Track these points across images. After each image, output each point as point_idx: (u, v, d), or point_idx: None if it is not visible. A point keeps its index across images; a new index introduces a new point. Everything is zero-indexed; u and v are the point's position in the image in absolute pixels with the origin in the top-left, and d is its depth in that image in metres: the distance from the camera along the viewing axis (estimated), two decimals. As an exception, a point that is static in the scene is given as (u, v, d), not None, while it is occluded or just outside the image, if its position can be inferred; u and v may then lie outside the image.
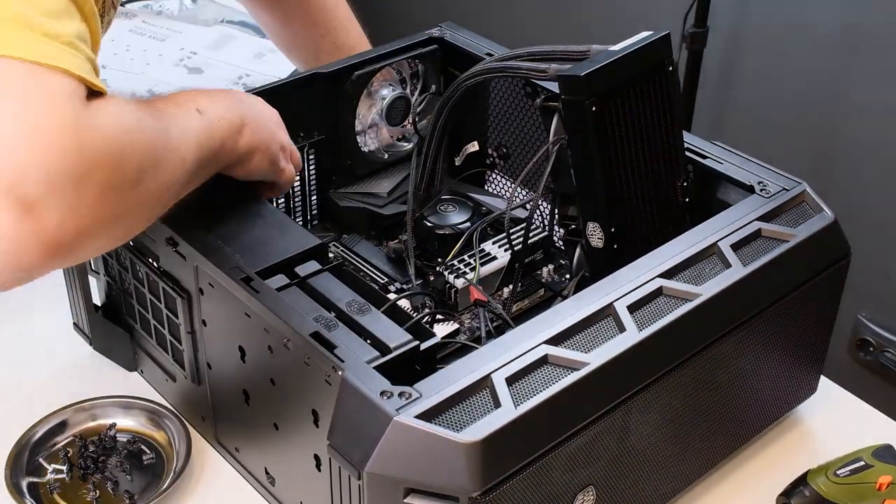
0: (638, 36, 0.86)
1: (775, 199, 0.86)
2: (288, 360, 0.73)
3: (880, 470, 0.82)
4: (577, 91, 0.80)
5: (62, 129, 0.59)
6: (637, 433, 0.75)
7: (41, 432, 0.89)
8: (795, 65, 1.85)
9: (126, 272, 0.91)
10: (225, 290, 0.77)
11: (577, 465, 0.71)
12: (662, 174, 0.88)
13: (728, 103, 2.00)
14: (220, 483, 0.87)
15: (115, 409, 0.91)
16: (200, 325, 0.83)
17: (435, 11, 2.46)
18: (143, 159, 0.66)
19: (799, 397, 0.93)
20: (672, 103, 0.87)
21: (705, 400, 0.80)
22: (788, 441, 0.93)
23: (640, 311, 0.75)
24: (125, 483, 0.86)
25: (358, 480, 0.66)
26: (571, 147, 0.83)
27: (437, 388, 0.67)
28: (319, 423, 0.72)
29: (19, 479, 0.85)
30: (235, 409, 0.83)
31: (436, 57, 1.08)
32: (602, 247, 0.85)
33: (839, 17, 1.76)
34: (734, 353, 0.80)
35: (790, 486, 0.85)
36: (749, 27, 1.91)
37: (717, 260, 0.80)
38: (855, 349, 1.90)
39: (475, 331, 0.90)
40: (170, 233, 0.81)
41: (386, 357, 0.71)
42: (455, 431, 0.64)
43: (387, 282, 0.96)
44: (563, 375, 0.69)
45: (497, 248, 0.95)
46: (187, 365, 0.86)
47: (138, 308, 0.92)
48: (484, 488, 0.64)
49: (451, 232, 0.98)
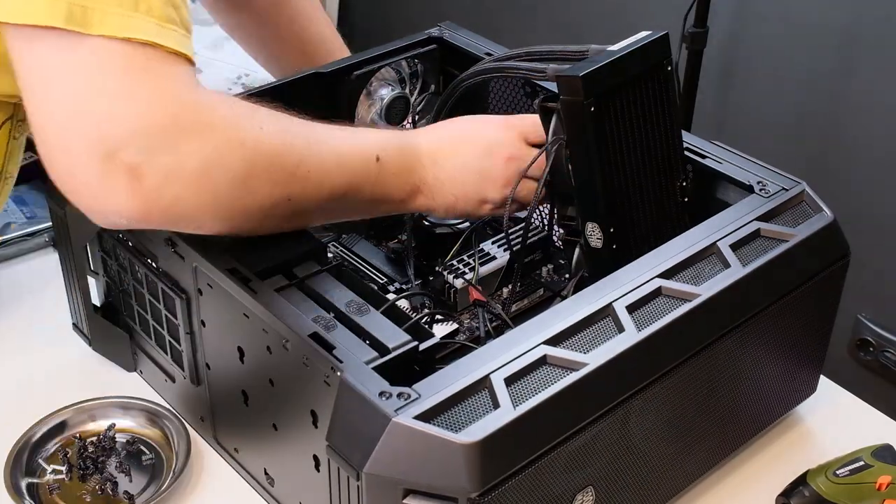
0: (637, 36, 0.86)
1: (775, 198, 0.86)
2: (287, 361, 0.73)
3: (880, 470, 0.82)
4: (576, 91, 0.80)
5: (165, 99, 0.64)
6: (636, 433, 0.75)
7: (41, 432, 0.89)
8: (795, 65, 1.85)
9: (125, 273, 0.91)
10: (224, 290, 0.77)
11: (576, 466, 0.71)
12: (662, 174, 0.88)
13: (728, 103, 2.00)
14: (219, 484, 0.87)
15: (114, 409, 0.91)
16: (199, 326, 0.83)
17: (434, 11, 2.46)
18: (256, 156, 0.69)
19: (799, 397, 0.93)
20: (671, 103, 0.87)
21: (705, 400, 0.80)
22: (788, 441, 0.93)
23: (639, 312, 0.75)
24: (124, 483, 0.86)
25: (357, 481, 0.66)
26: (570, 147, 0.83)
27: (436, 389, 0.67)
28: (318, 423, 0.72)
29: (19, 479, 0.85)
30: (234, 409, 0.83)
31: (435, 57, 1.07)
32: (601, 247, 0.85)
33: (839, 16, 1.76)
34: (734, 353, 0.80)
35: (790, 486, 0.85)
36: (749, 27, 1.91)
37: (717, 260, 0.80)
38: (855, 349, 1.90)
39: (474, 331, 0.90)
40: (169, 233, 0.81)
41: (385, 357, 0.71)
42: (454, 432, 0.64)
43: (386, 282, 0.96)
44: (562, 376, 0.69)
45: (496, 248, 0.95)
46: (186, 365, 0.86)
47: (137, 309, 0.92)
48: (483, 489, 0.64)
49: (450, 232, 0.98)
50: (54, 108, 0.65)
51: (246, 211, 0.71)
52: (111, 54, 0.63)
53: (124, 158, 0.63)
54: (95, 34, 0.63)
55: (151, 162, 0.64)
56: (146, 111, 0.64)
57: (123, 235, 0.89)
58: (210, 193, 0.68)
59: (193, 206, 0.67)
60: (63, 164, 0.65)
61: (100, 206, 0.67)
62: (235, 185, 0.69)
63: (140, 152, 0.64)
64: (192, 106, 0.66)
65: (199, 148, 0.66)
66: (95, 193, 0.65)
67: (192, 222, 0.70)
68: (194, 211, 0.68)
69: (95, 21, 0.63)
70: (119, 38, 0.63)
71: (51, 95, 0.65)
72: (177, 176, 0.65)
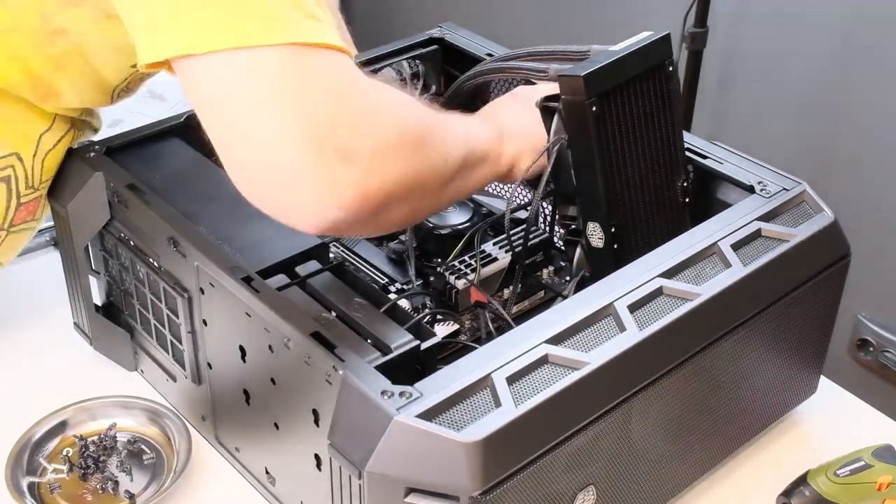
0: (638, 36, 0.86)
1: (775, 199, 0.86)
2: (288, 360, 0.73)
3: (880, 470, 0.82)
4: (578, 91, 0.80)
5: (347, 84, 0.66)
6: (637, 433, 0.75)
7: (41, 432, 0.89)
8: (795, 65, 1.85)
9: (126, 272, 0.91)
10: (226, 289, 0.77)
11: (577, 465, 0.71)
12: (663, 174, 0.88)
13: (728, 103, 2.00)
14: (220, 483, 0.87)
15: (115, 408, 0.91)
16: (201, 325, 0.83)
17: (435, 11, 2.46)
18: (419, 122, 0.72)
19: (799, 397, 0.93)
20: (672, 103, 0.87)
21: (705, 400, 0.80)
22: (788, 441, 0.93)
23: (640, 311, 0.75)
24: (125, 483, 0.86)
25: (358, 480, 0.66)
26: (572, 147, 0.83)
27: (438, 388, 0.67)
28: (320, 422, 0.72)
29: (19, 478, 0.85)
30: (236, 408, 0.83)
31: (436, 57, 1.08)
32: (602, 247, 0.85)
33: (839, 16, 1.76)
34: (734, 352, 0.80)
35: (790, 486, 0.85)
36: (749, 27, 1.91)
37: (718, 260, 0.81)
38: (855, 349, 1.90)
39: (476, 331, 0.90)
40: (171, 232, 0.81)
41: (386, 357, 0.71)
42: (455, 431, 0.64)
43: (387, 282, 0.96)
44: (564, 375, 0.69)
45: (497, 249, 0.95)
46: (188, 364, 0.87)
47: (139, 308, 0.92)
48: (484, 488, 0.64)
49: (452, 232, 0.98)
50: (245, 121, 0.64)
51: (429, 180, 0.73)
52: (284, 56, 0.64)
53: (334, 143, 0.64)
54: (264, 44, 0.64)
55: (357, 141, 0.65)
56: (338, 97, 0.65)
57: (125, 234, 0.89)
58: (406, 164, 0.69)
59: (395, 179, 0.68)
60: (269, 175, 0.65)
61: (319, 205, 0.65)
62: (420, 152, 0.70)
63: (344, 134, 0.64)
64: (370, 87, 0.68)
65: (389, 120, 0.68)
66: (312, 192, 0.65)
67: (395, 204, 0.70)
68: (396, 186, 0.68)
69: (265, 33, 0.64)
70: (287, 44, 0.64)
71: (237, 111, 0.64)
72: (381, 149, 0.66)
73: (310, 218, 0.67)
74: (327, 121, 0.64)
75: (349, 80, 0.67)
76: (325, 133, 0.64)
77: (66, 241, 0.92)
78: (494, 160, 0.84)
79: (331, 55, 0.66)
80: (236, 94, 0.64)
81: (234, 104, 0.64)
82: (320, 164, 0.64)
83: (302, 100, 0.64)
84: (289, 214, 0.67)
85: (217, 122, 0.66)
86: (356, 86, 0.67)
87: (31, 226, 0.92)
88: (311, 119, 0.64)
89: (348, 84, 0.66)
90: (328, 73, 0.66)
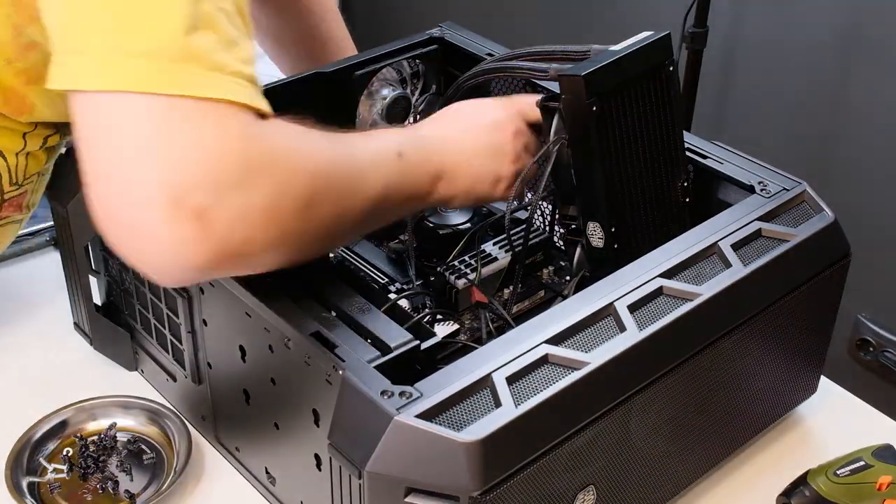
0: (638, 36, 0.86)
1: (775, 199, 0.86)
2: (288, 360, 0.73)
3: (880, 470, 0.82)
4: (578, 91, 0.80)
5: (228, 143, 0.63)
6: (637, 433, 0.75)
7: (41, 432, 0.89)
8: (795, 65, 1.85)
9: (126, 271, 0.91)
10: (225, 289, 0.77)
11: (577, 465, 0.71)
12: (663, 174, 0.88)
13: (728, 103, 2.00)
14: (220, 483, 0.87)
15: (115, 408, 0.91)
16: (201, 325, 0.83)
17: (435, 11, 2.46)
18: (316, 180, 0.68)
19: (799, 397, 0.93)
20: (672, 103, 0.87)
21: (706, 399, 0.80)
22: (788, 441, 0.93)
23: (640, 311, 0.75)
24: (125, 482, 0.86)
25: (359, 480, 0.66)
26: (572, 147, 0.83)
27: (438, 388, 0.67)
28: (320, 422, 0.72)
29: (19, 478, 0.85)
30: (236, 408, 0.83)
31: (436, 57, 1.07)
32: (602, 246, 0.85)
33: (839, 17, 1.76)
34: (734, 352, 0.80)
35: (790, 486, 0.85)
36: (749, 27, 1.91)
37: (718, 260, 0.81)
38: (855, 349, 1.90)
39: (476, 331, 0.90)
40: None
41: (386, 357, 0.71)
42: (455, 431, 0.64)
43: (387, 282, 0.96)
44: (564, 375, 0.69)
45: (497, 249, 0.95)
46: (188, 364, 0.87)
47: (139, 307, 0.92)
48: (484, 488, 0.64)
49: (451, 232, 0.98)
50: (115, 161, 0.63)
51: (310, 238, 0.70)
52: (170, 107, 0.63)
53: (192, 202, 0.62)
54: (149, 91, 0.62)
55: (220, 204, 0.62)
56: (212, 156, 0.63)
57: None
58: (278, 228, 0.66)
59: (262, 244, 0.66)
60: (125, 219, 0.63)
61: (167, 260, 0.64)
62: (301, 214, 0.67)
63: (208, 195, 0.62)
64: (259, 145, 0.65)
65: (265, 183, 0.65)
66: (162, 246, 0.63)
67: (258, 262, 0.68)
68: (262, 249, 0.66)
69: (154, 80, 0.63)
70: (175, 95, 0.63)
71: (111, 149, 0.63)
72: (246, 215, 0.64)
73: (159, 271, 0.65)
74: (192, 179, 0.62)
75: (233, 138, 0.64)
76: (186, 192, 0.61)
77: (66, 241, 0.92)
78: (421, 198, 0.82)
79: (222, 110, 0.64)
80: (112, 136, 0.63)
81: (108, 144, 0.63)
82: (173, 222, 0.62)
83: (169, 154, 0.62)
84: (142, 267, 0.65)
85: (87, 156, 0.64)
86: (239, 144, 0.64)
87: (16, 218, 0.92)
88: (176, 175, 0.62)
89: (230, 143, 0.63)
90: (209, 131, 0.63)
